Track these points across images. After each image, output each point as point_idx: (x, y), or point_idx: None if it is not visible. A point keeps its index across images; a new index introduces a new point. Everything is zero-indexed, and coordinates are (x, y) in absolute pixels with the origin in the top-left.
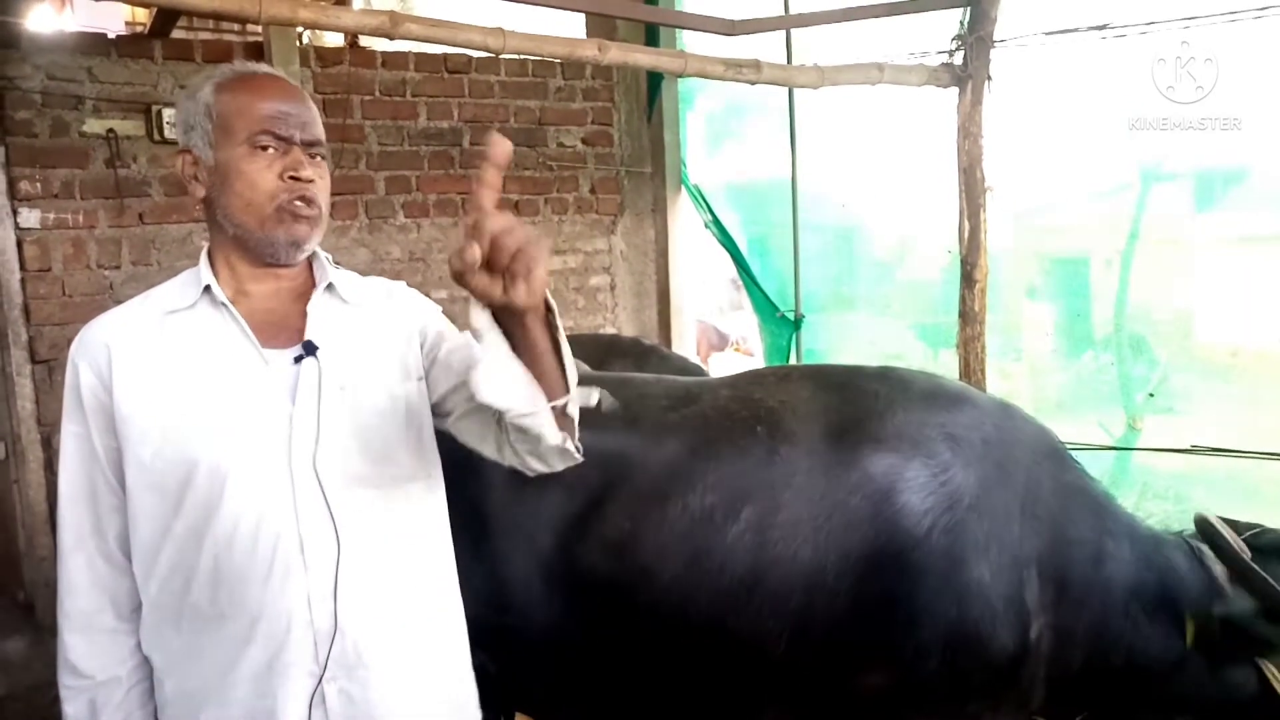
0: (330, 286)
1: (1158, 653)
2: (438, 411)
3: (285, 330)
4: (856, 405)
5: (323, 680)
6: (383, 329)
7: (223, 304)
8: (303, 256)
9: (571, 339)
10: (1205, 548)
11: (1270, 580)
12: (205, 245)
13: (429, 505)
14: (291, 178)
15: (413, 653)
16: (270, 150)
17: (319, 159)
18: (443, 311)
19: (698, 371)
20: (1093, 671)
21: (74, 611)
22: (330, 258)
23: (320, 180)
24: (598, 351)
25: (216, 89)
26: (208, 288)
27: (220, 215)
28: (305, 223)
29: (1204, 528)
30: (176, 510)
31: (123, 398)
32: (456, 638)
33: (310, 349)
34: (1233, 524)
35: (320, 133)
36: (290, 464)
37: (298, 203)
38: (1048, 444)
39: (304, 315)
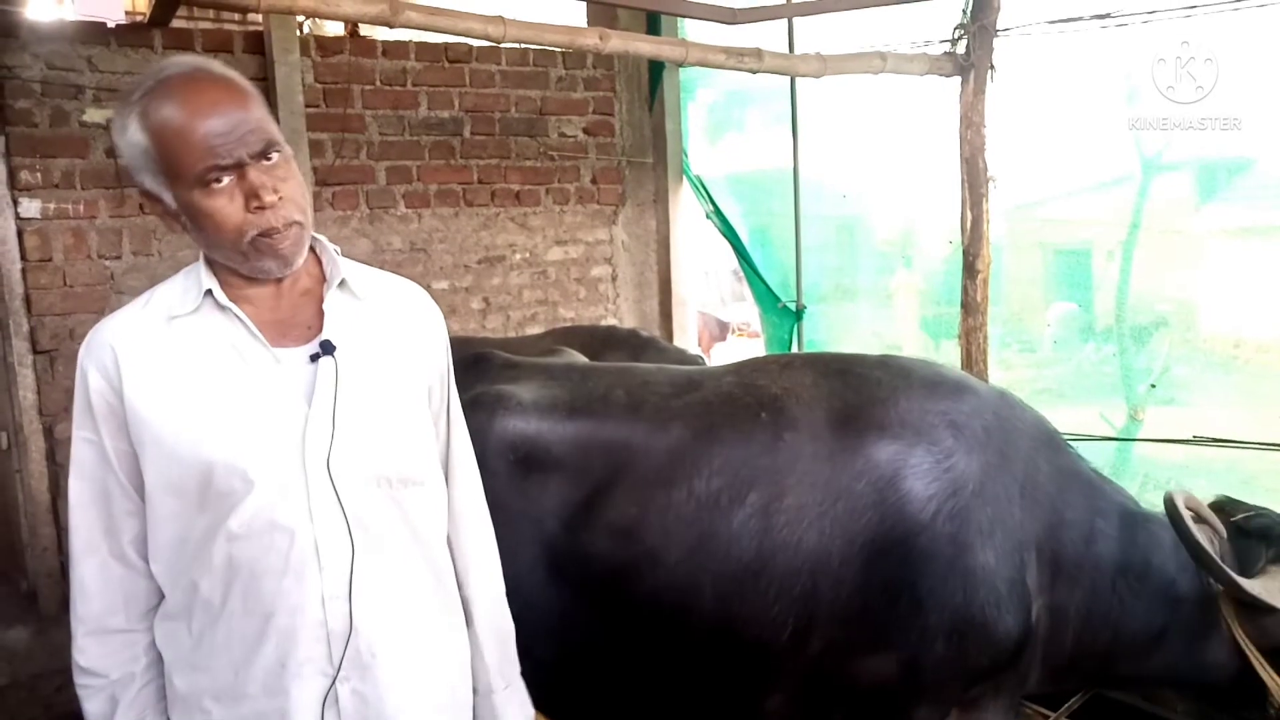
0: (343, 283)
1: (1140, 629)
2: None
3: (295, 327)
4: (859, 392)
5: (336, 680)
6: (401, 332)
7: (225, 307)
8: (292, 270)
9: (567, 331)
10: (1198, 525)
11: (1219, 563)
12: None
13: (435, 507)
14: (257, 208)
15: (422, 654)
16: (225, 181)
17: (276, 157)
18: (445, 302)
19: (697, 362)
20: (1082, 649)
21: (86, 615)
22: (338, 249)
23: (287, 182)
24: (594, 343)
25: (142, 122)
26: (209, 291)
27: (204, 248)
28: (287, 243)
29: (1168, 508)
30: (199, 512)
31: (134, 402)
32: (459, 639)
33: (328, 348)
34: (1235, 504)
35: (269, 130)
36: (304, 464)
37: (270, 236)
38: (1043, 430)
39: (314, 311)
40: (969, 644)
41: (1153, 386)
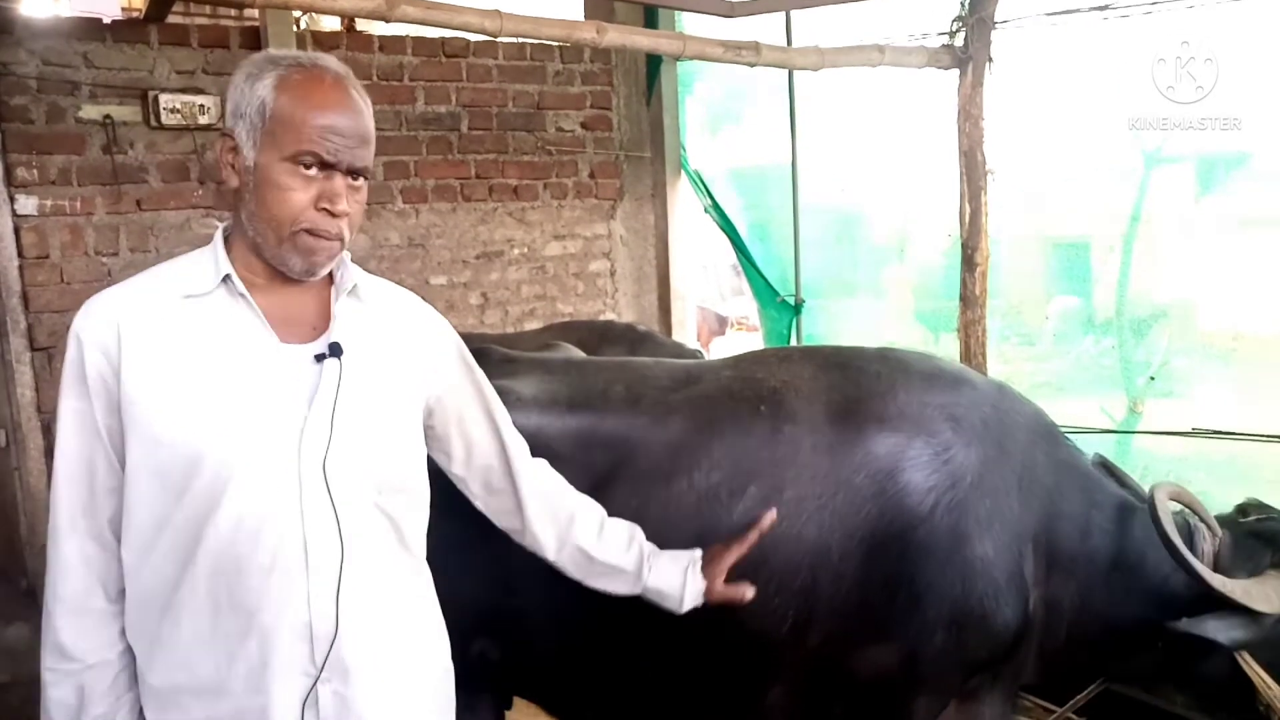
0: (353, 289)
1: (1134, 625)
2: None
3: (302, 325)
4: (858, 385)
5: (318, 681)
6: (404, 344)
7: (241, 295)
8: (310, 277)
9: (565, 326)
10: (1198, 522)
11: (1190, 560)
12: (220, 227)
13: (420, 516)
14: (324, 209)
15: (403, 659)
16: (313, 172)
17: (361, 183)
18: (444, 298)
19: (695, 357)
20: (1075, 642)
21: (66, 594)
22: (350, 255)
23: (355, 207)
24: (592, 338)
25: (278, 86)
26: (227, 276)
27: (245, 215)
28: (324, 253)
29: (1149, 503)
30: (178, 499)
31: (131, 380)
32: (441, 646)
33: (336, 350)
34: (1262, 506)
35: (368, 157)
36: (299, 464)
37: (320, 237)
38: (1041, 423)
39: (320, 312)
40: (968, 635)
41: (1152, 379)
